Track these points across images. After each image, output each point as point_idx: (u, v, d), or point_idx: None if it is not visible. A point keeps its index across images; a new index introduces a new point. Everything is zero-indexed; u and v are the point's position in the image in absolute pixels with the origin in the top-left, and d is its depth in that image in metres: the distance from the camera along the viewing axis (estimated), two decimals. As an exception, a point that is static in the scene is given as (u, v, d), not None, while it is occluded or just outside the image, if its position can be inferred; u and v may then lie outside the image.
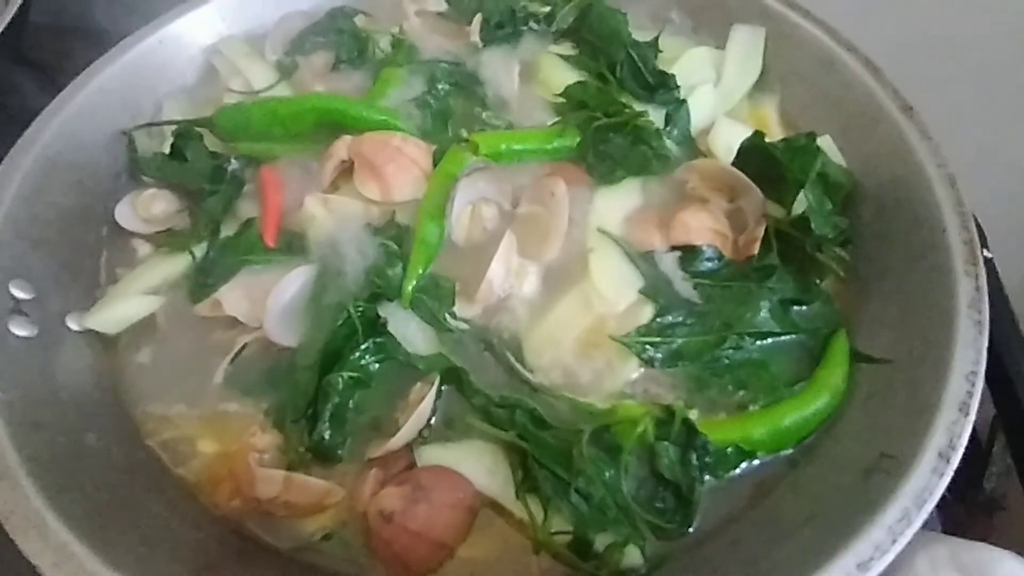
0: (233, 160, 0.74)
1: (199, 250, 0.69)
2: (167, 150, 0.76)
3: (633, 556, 0.51)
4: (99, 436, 0.56)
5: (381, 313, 0.63)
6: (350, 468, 0.58)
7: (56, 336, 0.61)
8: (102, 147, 0.75)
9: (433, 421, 0.59)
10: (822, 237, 0.66)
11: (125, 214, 0.72)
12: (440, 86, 0.82)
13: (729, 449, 0.57)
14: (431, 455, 0.57)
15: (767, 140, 0.70)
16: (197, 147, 0.73)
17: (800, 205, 0.68)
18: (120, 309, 0.65)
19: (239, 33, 0.87)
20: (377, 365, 0.62)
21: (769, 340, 0.63)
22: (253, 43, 0.87)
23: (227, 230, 0.71)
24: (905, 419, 0.53)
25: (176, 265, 0.69)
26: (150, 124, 0.78)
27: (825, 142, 0.73)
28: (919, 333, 0.58)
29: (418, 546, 0.52)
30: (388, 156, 0.71)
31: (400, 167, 0.72)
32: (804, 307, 0.65)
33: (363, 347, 0.61)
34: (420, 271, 0.66)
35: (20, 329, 0.58)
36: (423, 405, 0.57)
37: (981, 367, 0.53)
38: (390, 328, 0.63)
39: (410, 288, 0.65)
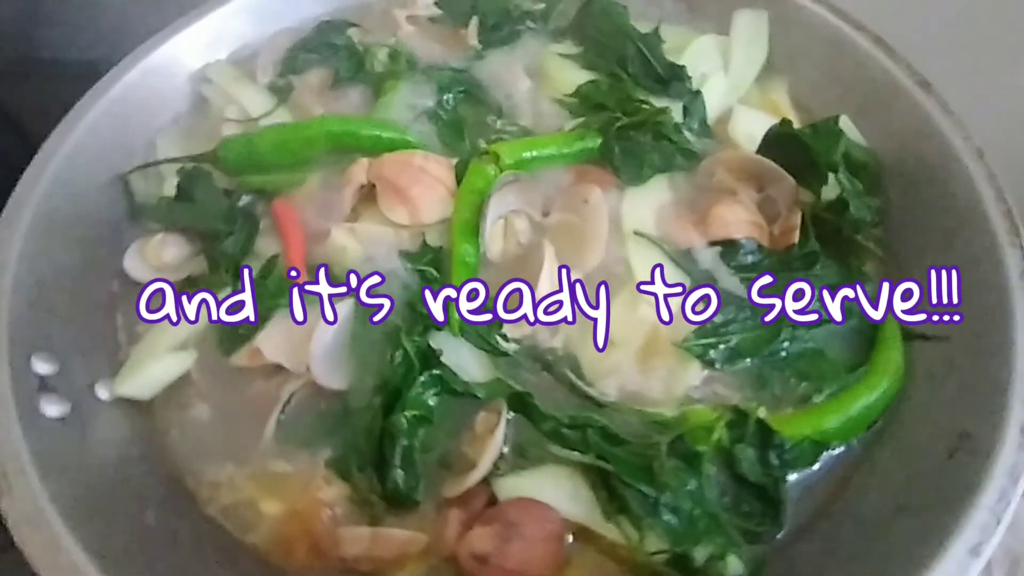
0: (243, 196, 0.70)
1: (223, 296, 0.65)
2: (168, 191, 0.71)
3: (733, 565, 0.51)
4: (158, 513, 0.52)
5: (432, 344, 0.61)
6: (426, 511, 0.55)
7: (89, 410, 0.57)
8: (99, 194, 0.70)
9: (505, 451, 0.57)
10: (860, 220, 0.66)
11: (135, 265, 0.67)
12: (448, 96, 0.79)
13: (804, 443, 0.57)
14: (510, 487, 0.55)
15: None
16: (207, 186, 0.69)
17: (828, 190, 0.69)
18: (151, 372, 0.60)
19: (224, 57, 0.82)
20: (435, 399, 0.60)
21: (822, 328, 0.64)
22: (242, 66, 0.82)
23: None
24: (975, 396, 0.54)
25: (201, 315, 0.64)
26: (147, 164, 0.73)
27: (844, 123, 0.74)
28: (971, 310, 0.59)
29: (517, 585, 0.51)
30: (412, 177, 0.68)
31: (426, 187, 0.69)
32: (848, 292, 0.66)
33: (421, 382, 0.59)
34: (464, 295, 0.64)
35: (52, 408, 0.53)
36: (496, 436, 0.56)
37: (1044, 336, 0.54)
38: (443, 358, 0.60)
39: (456, 314, 0.63)
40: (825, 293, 0.64)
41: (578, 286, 0.65)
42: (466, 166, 0.72)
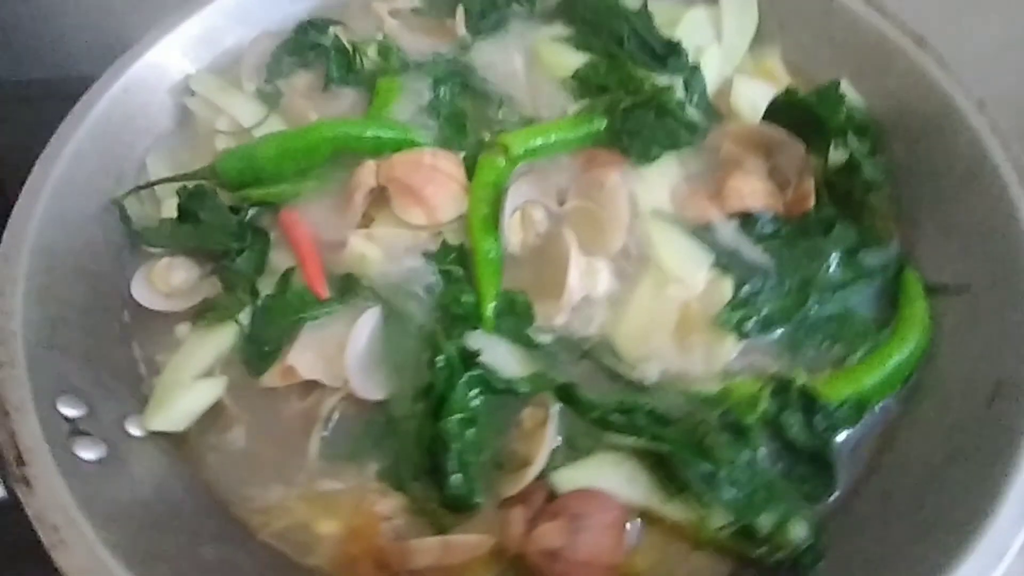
0: (250, 210, 0.68)
1: (243, 316, 0.63)
2: (168, 212, 0.68)
3: (798, 529, 0.52)
4: (215, 546, 0.51)
5: (469, 344, 0.60)
6: (485, 512, 0.55)
7: (125, 448, 0.54)
8: (95, 222, 0.66)
9: (557, 443, 0.57)
10: (873, 181, 0.67)
11: (143, 293, 0.64)
12: (444, 89, 0.77)
13: (846, 404, 0.58)
14: (567, 479, 0.55)
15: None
16: (211, 204, 0.66)
17: (834, 154, 0.70)
18: (181, 403, 0.58)
19: (206, 67, 0.78)
20: (479, 400, 0.59)
21: (846, 290, 0.65)
22: (225, 74, 0.78)
23: (264, 286, 0.65)
24: (1005, 344, 0.56)
25: (223, 339, 0.62)
26: (141, 187, 0.69)
27: (843, 86, 0.75)
28: (988, 258, 0.61)
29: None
30: (425, 176, 0.67)
31: (439, 186, 0.67)
32: (866, 252, 0.67)
33: (463, 383, 0.58)
34: (494, 291, 0.63)
35: (88, 452, 0.51)
36: (548, 430, 0.55)
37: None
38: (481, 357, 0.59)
39: (490, 311, 0.62)
40: (846, 255, 0.66)
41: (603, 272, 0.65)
42: (474, 160, 0.71)
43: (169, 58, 0.76)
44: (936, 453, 0.54)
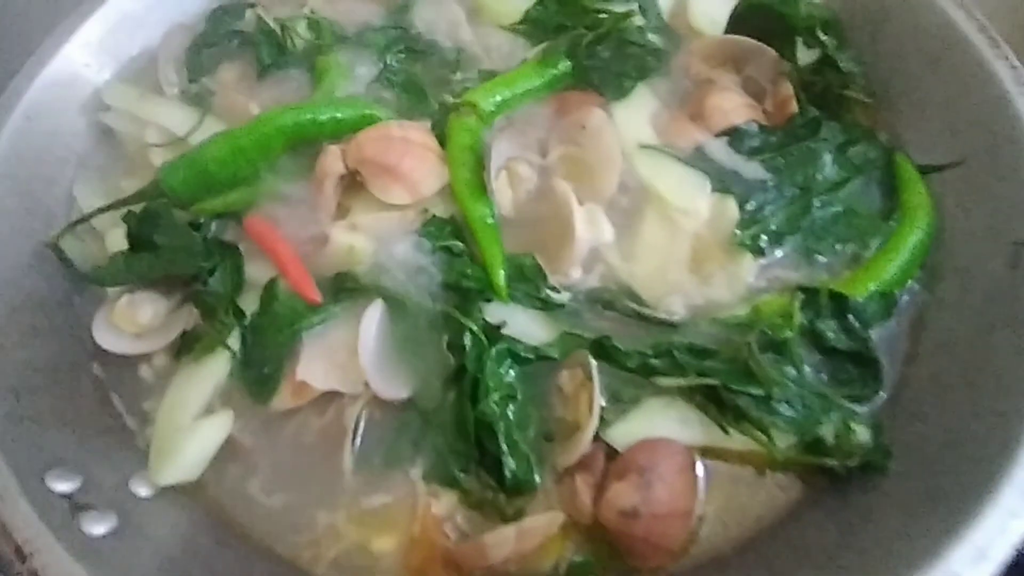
0: (211, 224, 0.60)
1: (233, 341, 0.56)
2: (115, 245, 0.60)
3: (861, 433, 0.51)
4: (272, 594, 0.45)
5: (488, 318, 0.56)
6: (545, 487, 0.52)
7: (137, 512, 0.48)
8: (32, 273, 0.58)
9: (603, 402, 0.54)
10: (850, 73, 0.66)
11: (109, 338, 0.57)
12: (391, 56, 0.71)
13: (874, 299, 0.58)
14: (624, 434, 0.52)
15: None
16: (168, 225, 0.58)
17: (803, 55, 0.68)
18: (187, 448, 0.51)
19: (116, 76, 0.69)
20: (512, 374, 0.55)
21: (845, 187, 0.64)
22: (141, 80, 0.69)
23: (247, 304, 0.58)
24: (1014, 206, 0.56)
25: (215, 369, 0.56)
26: (76, 223, 0.61)
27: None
28: (975, 130, 0.61)
29: (673, 526, 0.49)
30: (399, 151, 0.61)
31: (416, 158, 0.62)
32: (856, 146, 0.66)
33: (493, 360, 0.54)
34: (500, 257, 0.59)
35: (96, 526, 0.44)
36: (595, 390, 0.52)
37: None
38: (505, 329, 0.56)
39: (501, 279, 0.58)
40: (837, 153, 0.65)
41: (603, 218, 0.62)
42: (441, 126, 0.66)
43: (71, 72, 0.67)
44: (973, 328, 0.54)
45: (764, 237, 0.61)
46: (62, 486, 0.45)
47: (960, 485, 0.45)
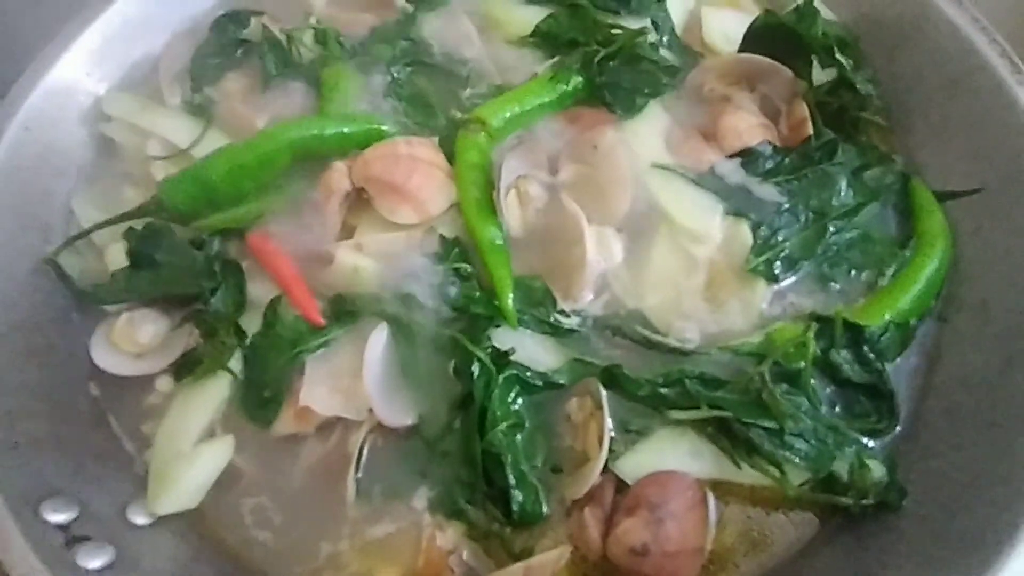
0: (213, 241, 0.59)
1: (234, 363, 0.55)
2: (115, 261, 0.59)
3: (876, 469, 0.50)
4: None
5: (497, 344, 0.54)
6: (553, 518, 0.51)
7: (134, 543, 0.46)
8: (29, 290, 0.56)
9: (611, 431, 0.53)
10: (867, 95, 0.65)
11: (108, 358, 0.55)
12: (398, 69, 0.70)
13: (889, 330, 0.57)
14: (632, 465, 0.51)
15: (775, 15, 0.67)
16: (169, 242, 0.57)
17: (818, 75, 0.67)
18: (186, 476, 0.50)
19: (117, 85, 0.67)
20: (520, 402, 0.54)
21: (861, 212, 0.63)
22: (142, 90, 0.68)
23: (249, 324, 0.57)
24: (1034, 237, 0.55)
25: (216, 392, 0.54)
26: (74, 238, 0.59)
27: (815, 2, 0.71)
28: (994, 155, 0.60)
29: (683, 564, 0.48)
30: (406, 169, 0.60)
31: (424, 176, 0.60)
32: (871, 170, 0.65)
33: (501, 387, 0.53)
34: (509, 281, 0.58)
35: (93, 559, 0.43)
36: (605, 420, 0.51)
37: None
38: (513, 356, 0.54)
39: (510, 304, 0.57)
40: (853, 177, 0.64)
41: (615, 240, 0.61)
42: (449, 142, 0.64)
43: (71, 81, 0.65)
44: (991, 361, 0.53)
45: (778, 263, 0.60)
46: (57, 516, 0.44)
47: (979, 528, 0.44)
